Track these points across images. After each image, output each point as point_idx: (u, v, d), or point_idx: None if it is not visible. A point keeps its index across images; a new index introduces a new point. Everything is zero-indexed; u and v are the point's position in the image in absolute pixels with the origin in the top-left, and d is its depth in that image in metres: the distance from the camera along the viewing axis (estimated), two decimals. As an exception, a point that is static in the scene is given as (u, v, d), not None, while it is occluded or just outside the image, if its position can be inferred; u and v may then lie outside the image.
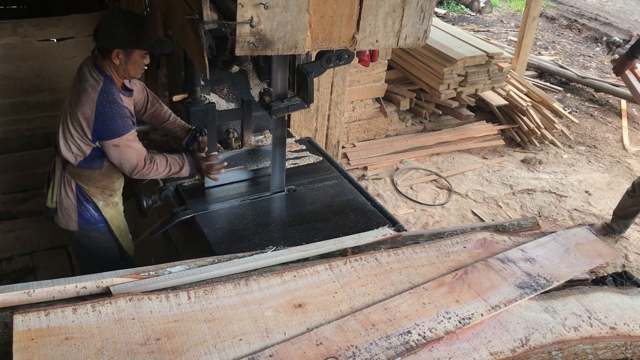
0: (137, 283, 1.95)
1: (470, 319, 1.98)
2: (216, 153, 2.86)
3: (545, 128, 6.02)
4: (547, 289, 2.19)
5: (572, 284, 2.30)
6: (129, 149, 2.65)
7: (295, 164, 3.14)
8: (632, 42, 8.55)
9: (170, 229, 2.74)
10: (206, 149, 2.88)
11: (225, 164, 2.85)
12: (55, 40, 3.80)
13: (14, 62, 3.70)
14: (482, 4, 10.48)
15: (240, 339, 1.79)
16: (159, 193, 2.83)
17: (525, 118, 6.01)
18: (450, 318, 1.97)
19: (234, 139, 3.03)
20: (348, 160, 5.34)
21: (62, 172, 2.81)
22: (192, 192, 2.86)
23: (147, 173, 2.72)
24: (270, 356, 1.73)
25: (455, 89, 5.56)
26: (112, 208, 2.94)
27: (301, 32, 1.98)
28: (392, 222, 2.68)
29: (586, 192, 5.30)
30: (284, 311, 1.92)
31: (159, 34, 2.73)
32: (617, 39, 8.56)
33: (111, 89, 2.59)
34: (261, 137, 3.15)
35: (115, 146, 2.63)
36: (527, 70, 7.07)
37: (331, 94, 4.22)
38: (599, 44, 9.22)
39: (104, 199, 2.89)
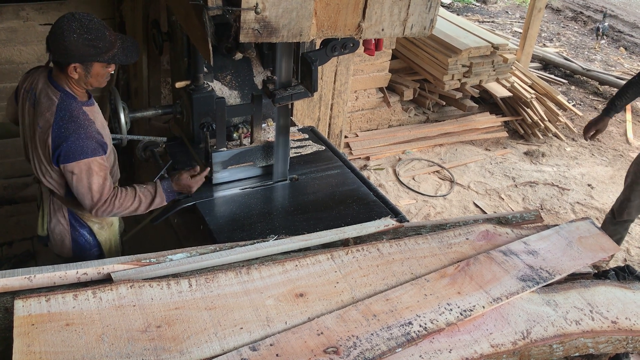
0: (138, 270, 1.95)
1: (471, 311, 1.97)
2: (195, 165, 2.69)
3: (549, 120, 5.99)
4: (549, 282, 2.18)
5: (574, 278, 2.30)
6: (90, 177, 2.26)
7: (298, 153, 3.13)
8: (602, 24, 8.50)
9: (172, 216, 2.73)
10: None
11: (208, 169, 2.67)
12: (57, 25, 3.76)
13: (15, 46, 3.68)
14: (487, -5, 10.40)
15: (241, 328, 1.79)
16: None
17: (529, 110, 5.98)
18: (451, 310, 1.97)
19: (242, 134, 2.97)
20: (350, 150, 5.32)
21: (50, 199, 2.53)
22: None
23: (110, 210, 2.36)
24: (271, 345, 1.73)
25: (459, 80, 5.53)
26: (107, 230, 2.68)
27: (306, 19, 1.96)
28: (395, 213, 2.67)
29: (589, 185, 5.28)
30: (285, 300, 1.92)
31: (130, 38, 2.35)
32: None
33: (69, 105, 2.26)
34: (264, 125, 3.13)
35: (72, 173, 2.25)
36: (531, 62, 7.02)
37: (334, 83, 4.20)
38: (600, 35, 9.14)
39: (99, 221, 2.62)
